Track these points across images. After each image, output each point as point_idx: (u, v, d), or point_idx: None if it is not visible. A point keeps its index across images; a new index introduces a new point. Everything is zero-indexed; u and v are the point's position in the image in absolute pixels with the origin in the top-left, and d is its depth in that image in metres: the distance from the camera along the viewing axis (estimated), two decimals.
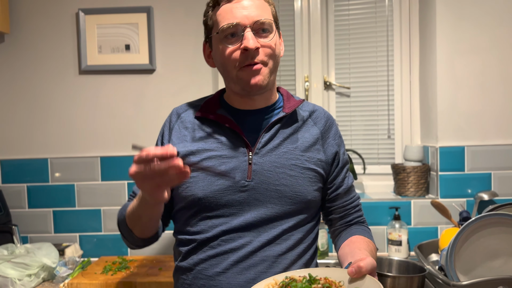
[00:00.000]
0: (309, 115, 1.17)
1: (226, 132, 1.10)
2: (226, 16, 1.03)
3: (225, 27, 1.02)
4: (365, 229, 1.18)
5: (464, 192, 1.90)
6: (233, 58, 1.04)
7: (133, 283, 1.60)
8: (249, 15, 1.02)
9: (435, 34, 1.90)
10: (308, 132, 1.14)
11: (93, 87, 2.00)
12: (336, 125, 1.21)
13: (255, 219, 1.05)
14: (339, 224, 1.19)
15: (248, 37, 1.01)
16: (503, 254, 1.33)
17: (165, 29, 1.99)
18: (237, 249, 1.04)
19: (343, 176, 1.18)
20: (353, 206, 1.19)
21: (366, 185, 2.19)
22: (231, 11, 1.03)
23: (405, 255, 1.83)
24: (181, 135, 1.13)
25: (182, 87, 1.99)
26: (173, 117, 1.18)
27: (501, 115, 1.89)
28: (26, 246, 1.73)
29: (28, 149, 2.02)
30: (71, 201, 2.00)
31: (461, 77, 1.89)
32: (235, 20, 1.02)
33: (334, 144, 1.16)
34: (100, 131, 2.00)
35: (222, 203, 1.05)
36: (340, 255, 1.09)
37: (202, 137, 1.11)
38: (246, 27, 1.02)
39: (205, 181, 1.06)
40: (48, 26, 2.00)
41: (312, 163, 1.10)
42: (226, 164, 1.06)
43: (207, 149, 1.08)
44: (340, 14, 2.22)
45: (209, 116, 1.11)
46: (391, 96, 2.19)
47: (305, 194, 1.08)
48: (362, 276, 0.85)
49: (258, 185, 1.05)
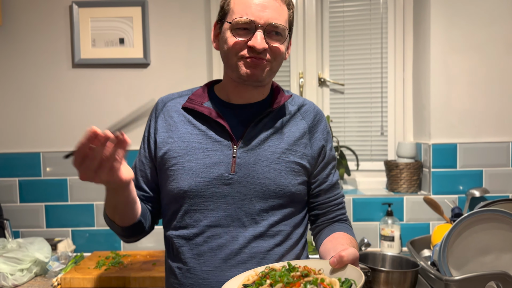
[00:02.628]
0: (297, 109, 1.16)
1: (212, 125, 1.10)
2: (242, 9, 1.03)
3: (239, 21, 1.02)
4: (347, 227, 1.17)
5: (456, 189, 1.92)
6: (237, 48, 1.04)
7: (126, 278, 1.60)
8: (265, 16, 1.02)
9: (429, 32, 1.92)
10: (295, 126, 1.13)
11: (86, 80, 1.99)
12: (326, 120, 1.20)
13: (239, 212, 1.05)
14: (321, 221, 1.19)
15: (257, 37, 1.01)
16: (494, 249, 1.35)
17: (160, 23, 1.98)
18: (224, 245, 1.04)
19: (328, 173, 1.17)
20: (336, 204, 1.19)
21: (359, 181, 2.21)
22: (250, 6, 1.02)
23: (397, 251, 1.85)
24: (166, 124, 1.12)
25: (177, 81, 1.98)
26: (159, 106, 1.17)
27: (493, 113, 1.91)
28: (18, 241, 1.71)
29: (20, 143, 2.00)
30: (64, 195, 1.99)
31: (454, 74, 1.91)
32: (251, 16, 1.01)
33: (322, 138, 1.16)
34: (93, 125, 1.98)
35: (207, 195, 1.05)
36: (321, 251, 1.08)
37: (187, 128, 1.10)
38: (259, 26, 1.02)
39: (190, 173, 1.06)
40: (41, 18, 1.97)
41: (297, 157, 1.10)
42: (211, 157, 1.06)
43: (191, 141, 1.08)
44: (334, 11, 2.22)
45: (196, 107, 1.11)
46: (385, 93, 2.21)
47: (289, 187, 1.08)
48: (343, 266, 0.85)
49: (241, 178, 1.05)
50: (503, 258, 1.35)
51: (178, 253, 1.08)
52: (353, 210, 1.96)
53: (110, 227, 1.11)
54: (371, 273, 1.37)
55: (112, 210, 1.05)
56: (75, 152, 0.82)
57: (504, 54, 1.89)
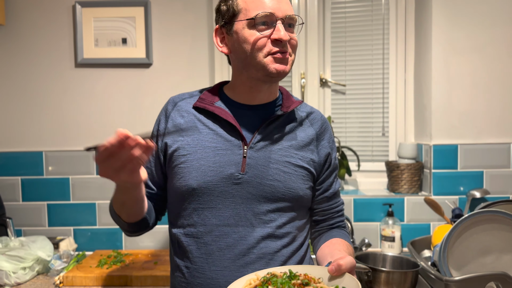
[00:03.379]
0: (306, 116, 1.18)
1: (223, 125, 1.10)
2: (258, 5, 1.03)
3: (261, 15, 1.02)
4: (345, 234, 1.20)
5: (457, 190, 1.93)
6: (260, 45, 1.04)
7: (128, 277, 1.61)
8: (282, 8, 1.04)
9: (430, 33, 1.92)
10: (304, 132, 1.15)
11: (89, 80, 1.99)
12: (331, 129, 1.23)
13: (247, 212, 1.06)
14: (320, 226, 1.21)
15: (280, 29, 1.03)
16: (494, 250, 1.36)
17: (163, 23, 1.98)
18: (232, 245, 1.05)
19: (332, 181, 1.20)
20: (337, 211, 1.22)
21: (360, 181, 2.21)
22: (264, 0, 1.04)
23: (398, 251, 1.86)
24: (177, 123, 1.13)
25: (179, 81, 1.99)
26: (170, 105, 1.17)
27: (494, 114, 1.91)
28: (21, 239, 1.72)
29: (22, 142, 2.01)
30: (66, 194, 2.00)
31: (455, 76, 1.92)
32: (270, 10, 1.03)
33: (328, 146, 1.18)
34: (95, 125, 2.00)
35: (216, 194, 1.06)
36: (319, 256, 1.11)
37: (198, 127, 1.11)
38: (279, 18, 1.03)
39: (199, 171, 1.06)
40: (44, 18, 1.98)
41: (305, 162, 1.12)
42: (221, 155, 1.07)
43: (201, 139, 1.09)
44: (336, 12, 2.23)
45: (207, 107, 1.11)
46: (386, 94, 2.21)
47: (298, 190, 1.09)
48: (341, 274, 0.88)
49: (251, 178, 1.06)
50: (503, 259, 1.36)
51: (185, 252, 1.09)
52: (354, 210, 1.97)
53: (115, 221, 1.12)
54: (371, 273, 1.38)
55: (120, 206, 1.06)
56: (100, 148, 0.83)
57: (505, 56, 1.90)
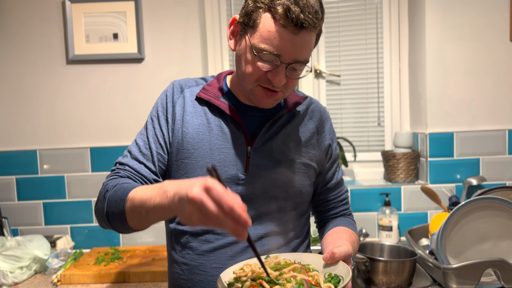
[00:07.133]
0: (306, 108, 1.17)
1: (228, 122, 1.08)
2: (271, 38, 0.93)
3: (264, 54, 0.94)
4: (350, 221, 1.20)
5: (453, 178, 1.93)
6: (254, 74, 0.98)
7: (126, 273, 1.60)
8: (293, 52, 0.94)
9: (424, 21, 1.91)
10: (304, 127, 1.14)
11: (81, 77, 1.98)
12: (330, 119, 1.21)
13: (250, 211, 1.04)
14: (326, 216, 1.22)
15: (279, 73, 0.96)
16: (492, 237, 1.36)
17: (154, 17, 1.96)
18: (233, 242, 1.04)
19: (334, 171, 1.20)
20: (341, 200, 1.22)
21: (357, 172, 2.21)
22: (281, 36, 0.92)
23: (395, 240, 1.86)
24: (183, 112, 1.08)
25: (172, 76, 1.97)
26: (176, 90, 1.11)
27: (489, 101, 1.91)
28: (17, 239, 1.71)
29: (16, 140, 1.99)
30: (61, 192, 1.99)
31: (450, 64, 1.91)
32: (277, 51, 0.93)
33: (328, 138, 1.17)
34: (89, 122, 1.98)
35: None
36: (323, 244, 1.11)
37: (202, 120, 1.08)
38: (284, 63, 0.95)
39: (203, 170, 1.04)
40: (34, 14, 1.96)
41: (307, 158, 1.11)
42: (225, 154, 1.06)
43: (206, 134, 1.06)
44: (329, 1, 2.21)
45: (212, 100, 1.08)
46: (381, 84, 2.20)
47: (300, 188, 1.10)
48: (335, 262, 0.91)
49: (255, 179, 1.05)
50: (500, 246, 1.36)
51: (185, 249, 1.07)
52: (351, 201, 1.97)
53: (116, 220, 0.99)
54: (369, 263, 1.38)
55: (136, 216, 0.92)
56: (208, 200, 0.72)
57: (499, 43, 1.89)
